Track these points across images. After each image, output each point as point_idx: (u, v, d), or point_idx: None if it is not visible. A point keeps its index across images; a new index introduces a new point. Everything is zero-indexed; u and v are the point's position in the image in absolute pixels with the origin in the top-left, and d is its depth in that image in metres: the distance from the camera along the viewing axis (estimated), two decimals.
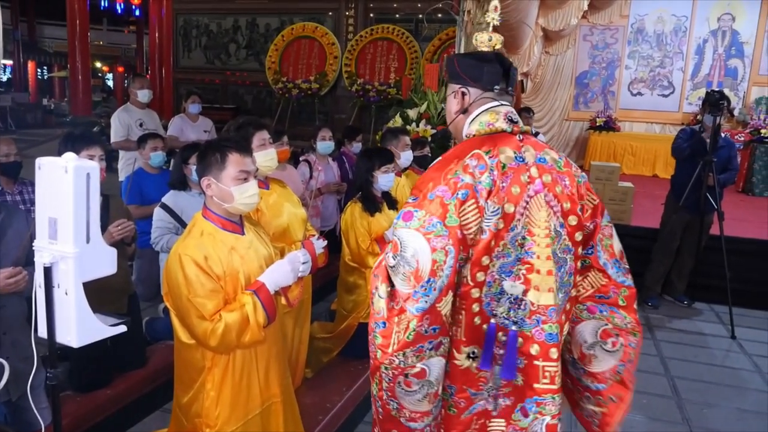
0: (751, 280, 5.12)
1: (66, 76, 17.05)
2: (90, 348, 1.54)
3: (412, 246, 1.37)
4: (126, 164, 5.06)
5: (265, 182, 2.69)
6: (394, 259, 1.39)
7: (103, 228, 2.61)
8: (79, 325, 1.48)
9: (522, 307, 1.43)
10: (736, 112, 9.78)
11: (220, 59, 11.42)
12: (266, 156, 2.59)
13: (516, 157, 1.46)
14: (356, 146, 5.07)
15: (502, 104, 1.57)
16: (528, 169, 1.46)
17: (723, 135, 4.99)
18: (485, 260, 1.40)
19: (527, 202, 1.43)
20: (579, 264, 1.54)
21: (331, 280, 4.06)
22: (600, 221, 1.56)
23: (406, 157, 3.81)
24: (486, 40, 1.64)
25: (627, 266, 1.60)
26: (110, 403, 2.64)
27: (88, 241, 1.46)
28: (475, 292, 1.41)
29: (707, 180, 4.61)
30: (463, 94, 1.58)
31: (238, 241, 1.91)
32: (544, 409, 1.46)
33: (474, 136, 1.53)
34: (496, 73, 1.56)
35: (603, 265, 1.56)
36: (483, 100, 1.57)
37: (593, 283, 1.58)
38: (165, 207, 3.21)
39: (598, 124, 10.25)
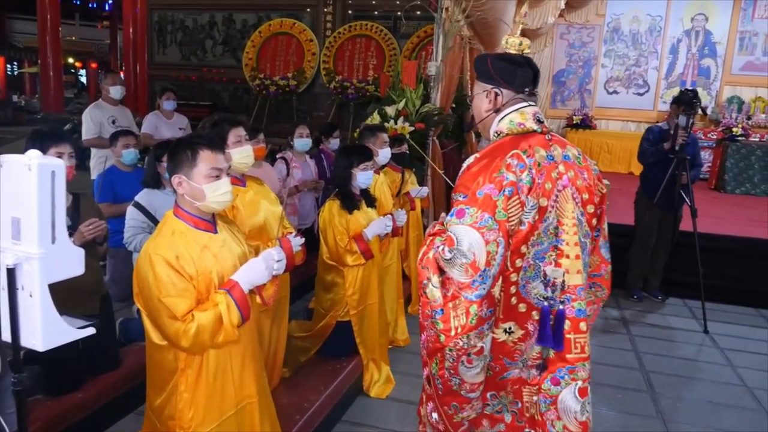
0: (723, 276, 5.23)
1: (37, 72, 16.69)
2: (60, 350, 1.49)
3: (468, 240, 1.52)
4: (98, 162, 4.95)
5: (241, 179, 2.65)
6: (450, 253, 1.53)
7: (74, 227, 2.55)
8: (44, 329, 1.43)
9: (558, 288, 1.62)
10: (708, 111, 9.95)
11: (196, 55, 11.26)
12: (242, 153, 2.56)
13: (547, 156, 1.63)
14: (333, 143, 5.04)
15: (530, 104, 1.73)
16: (557, 166, 1.63)
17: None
18: (523, 248, 1.58)
19: (557, 196, 1.61)
20: (591, 246, 1.73)
21: (309, 278, 4.03)
22: (604, 207, 1.76)
23: (384, 154, 3.79)
24: (516, 45, 1.77)
25: (608, 245, 1.83)
26: (82, 406, 2.58)
27: (53, 241, 1.41)
28: (513, 276, 1.59)
29: (680, 178, 4.68)
30: (496, 94, 1.72)
31: (211, 239, 1.88)
32: (576, 375, 1.65)
33: (506, 134, 1.68)
34: (527, 77, 1.72)
35: (600, 246, 1.79)
36: (514, 101, 1.72)
37: (592, 264, 1.79)
38: (138, 206, 3.15)
39: (574, 122, 10.36)
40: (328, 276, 3.21)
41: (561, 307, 1.62)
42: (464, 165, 1.70)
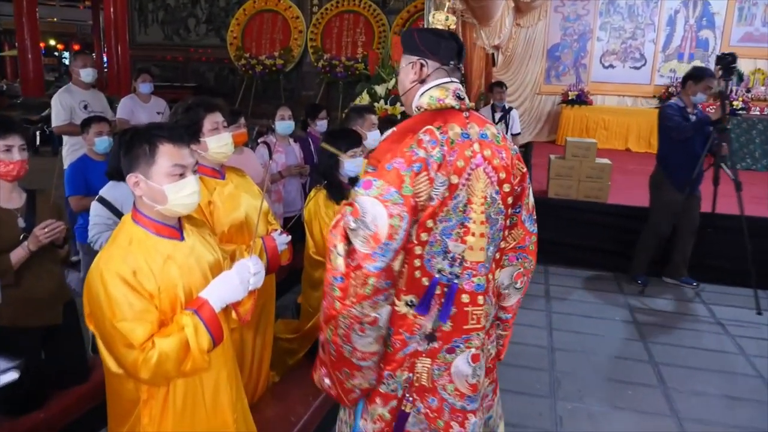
0: (723, 256, 4.99)
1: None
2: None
3: (372, 212, 1.52)
4: (71, 151, 4.66)
5: (219, 171, 2.38)
6: (355, 223, 1.54)
7: (29, 229, 2.29)
8: None
9: (458, 263, 1.64)
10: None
11: (179, 35, 10.89)
12: (220, 141, 2.29)
13: (462, 134, 1.64)
14: (321, 125, 4.74)
15: (452, 81, 1.74)
16: (472, 144, 1.65)
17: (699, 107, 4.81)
18: (429, 223, 1.59)
19: (469, 174, 1.62)
20: (508, 221, 1.79)
21: (298, 269, 3.77)
22: (526, 185, 1.81)
23: (372, 137, 3.51)
24: (443, 20, 1.91)
25: (535, 217, 1.87)
26: (46, 426, 2.33)
27: None
28: (417, 250, 1.61)
29: (720, 150, 4.40)
30: (422, 65, 1.72)
31: (177, 248, 1.61)
32: (470, 344, 1.71)
33: (424, 110, 1.68)
34: (452, 49, 1.74)
35: (524, 220, 1.84)
36: (438, 72, 1.72)
37: (516, 237, 1.84)
38: (102, 201, 2.87)
39: (570, 98, 10.05)
40: (316, 273, 2.96)
41: (456, 282, 1.65)
42: (385, 135, 1.73)
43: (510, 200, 1.75)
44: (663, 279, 4.95)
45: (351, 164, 2.88)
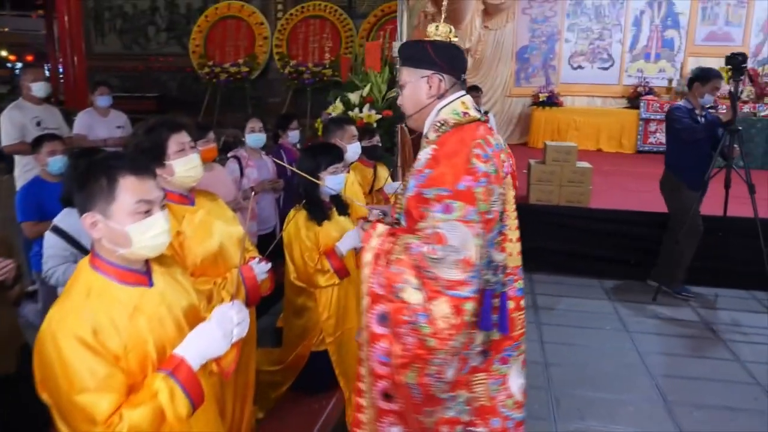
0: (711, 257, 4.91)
1: None
2: None
3: (459, 236, 1.50)
4: (24, 171, 4.32)
5: (188, 197, 2.12)
6: (443, 251, 1.49)
7: None
8: None
9: (501, 271, 1.64)
10: (674, 83, 9.78)
11: (138, 44, 10.50)
12: (188, 164, 2.03)
13: (495, 144, 1.66)
14: (292, 135, 4.49)
15: (465, 93, 1.73)
16: (500, 153, 1.67)
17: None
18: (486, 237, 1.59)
19: (504, 183, 1.65)
20: None
21: (277, 287, 3.51)
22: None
23: (353, 150, 3.30)
24: (446, 32, 1.73)
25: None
26: None
27: None
28: None
29: (731, 152, 4.30)
30: (440, 80, 1.67)
31: (144, 297, 1.38)
32: (520, 350, 1.72)
33: (452, 125, 1.64)
34: (463, 61, 1.74)
35: None
36: (455, 86, 1.70)
37: None
38: (57, 231, 2.58)
39: (541, 99, 10.02)
40: (298, 299, 2.74)
41: (503, 289, 1.64)
42: (423, 157, 1.63)
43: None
44: (648, 282, 4.83)
45: (332, 181, 2.67)
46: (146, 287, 1.40)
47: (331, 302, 2.70)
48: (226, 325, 1.38)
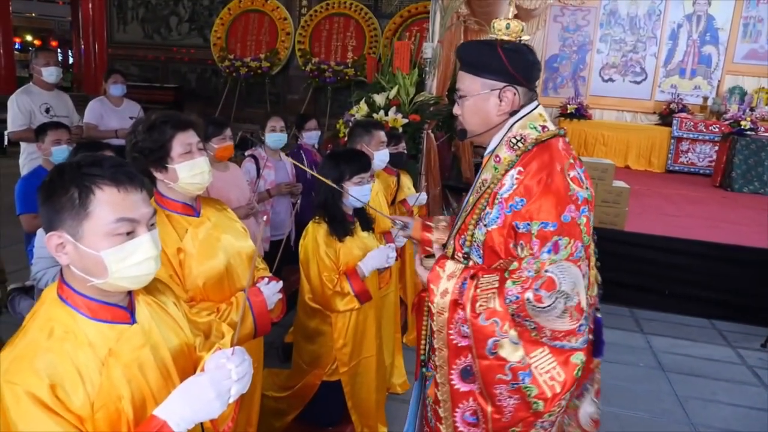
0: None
1: None
2: None
3: (569, 279, 1.30)
4: (29, 159, 4.10)
5: (193, 206, 1.83)
6: (550, 298, 1.29)
7: None
8: None
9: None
10: (709, 102, 9.40)
11: (159, 33, 10.34)
12: (194, 169, 1.75)
13: (580, 161, 1.47)
14: (308, 136, 4.20)
15: (539, 104, 1.51)
16: (586, 172, 1.47)
17: None
18: None
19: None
20: None
21: (288, 297, 3.22)
22: None
23: (380, 157, 3.01)
24: (518, 30, 1.52)
25: None
26: None
27: None
28: None
29: None
30: (514, 94, 1.45)
31: (123, 337, 1.10)
32: (594, 379, 1.56)
33: (533, 140, 1.42)
34: (539, 69, 1.53)
35: None
36: (528, 99, 1.49)
37: None
38: None
39: (568, 111, 9.68)
40: (312, 322, 2.46)
41: (598, 315, 1.53)
42: (508, 183, 1.38)
43: None
44: None
45: (357, 192, 2.38)
46: (126, 324, 1.12)
47: (348, 328, 2.42)
48: (223, 383, 1.09)
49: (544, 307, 1.28)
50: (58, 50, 21.72)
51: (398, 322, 3.36)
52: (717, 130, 8.70)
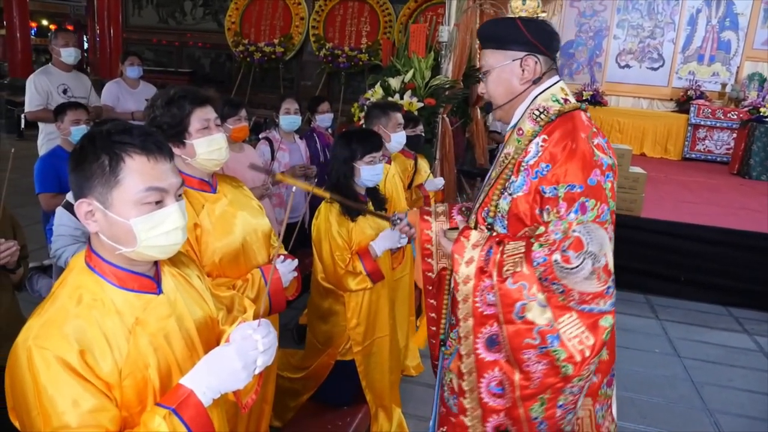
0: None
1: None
2: None
3: (597, 240, 1.31)
4: (47, 140, 4.13)
5: (209, 183, 1.84)
6: (578, 259, 1.29)
7: None
8: None
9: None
10: (728, 88, 9.26)
11: (174, 18, 10.33)
12: (211, 145, 1.75)
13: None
14: (321, 119, 4.21)
15: (561, 78, 1.53)
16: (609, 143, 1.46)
17: None
18: None
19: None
20: None
21: (302, 279, 3.21)
22: None
23: (397, 139, 3.01)
24: (534, 7, 1.54)
25: None
26: None
27: None
28: None
29: None
30: (535, 62, 1.47)
31: (150, 307, 1.11)
32: (614, 368, 1.53)
33: (555, 112, 1.44)
34: (559, 40, 1.54)
35: None
36: (550, 72, 1.50)
37: None
38: (69, 207, 2.35)
39: (584, 97, 9.58)
40: (325, 302, 2.47)
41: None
42: (533, 150, 1.40)
43: None
44: None
45: (369, 171, 2.38)
46: (153, 294, 1.13)
47: (361, 308, 2.42)
48: (249, 353, 1.09)
49: (571, 268, 1.28)
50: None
51: (413, 305, 3.37)
52: (735, 117, 8.58)
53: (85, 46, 14.36)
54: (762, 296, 4.44)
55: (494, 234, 1.46)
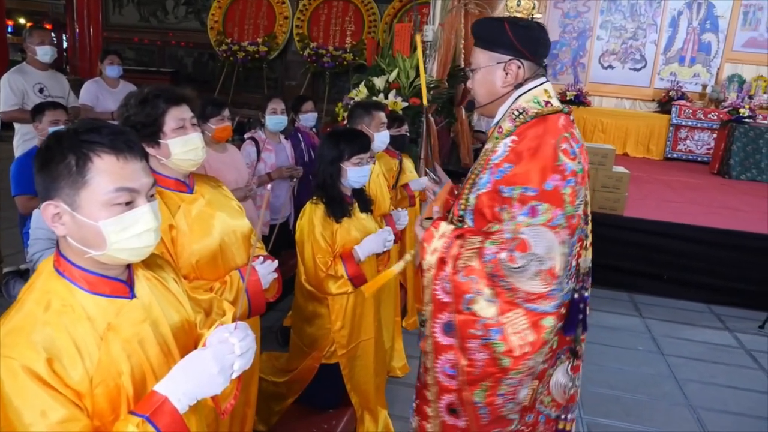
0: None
1: None
2: None
3: (544, 243, 1.34)
4: (23, 141, 4.04)
5: (186, 183, 1.79)
6: (523, 259, 1.34)
7: None
8: None
9: (582, 276, 1.51)
10: (708, 89, 9.36)
11: (156, 17, 10.22)
12: (187, 145, 1.70)
13: (580, 139, 1.48)
14: (305, 118, 4.17)
15: (547, 80, 1.54)
16: (583, 148, 1.47)
17: None
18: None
19: (585, 182, 1.47)
20: None
21: (286, 281, 3.18)
22: None
23: (381, 138, 2.98)
24: (529, 8, 1.54)
25: None
26: None
27: None
28: None
29: None
30: (518, 67, 1.49)
31: (123, 312, 1.07)
32: (576, 354, 1.58)
33: (531, 115, 1.46)
34: (546, 46, 1.55)
35: None
36: (535, 76, 1.52)
37: None
38: None
39: (568, 98, 9.62)
40: (309, 305, 2.43)
41: (586, 294, 1.54)
42: (501, 150, 1.44)
43: None
44: None
45: (355, 173, 2.35)
46: (126, 299, 1.09)
47: (346, 310, 2.39)
48: (226, 357, 1.06)
49: (516, 268, 1.33)
50: (52, 33, 21.48)
51: (398, 306, 3.34)
52: (715, 117, 8.68)
53: (65, 45, 14.14)
54: (743, 294, 4.48)
55: (463, 227, 1.51)
